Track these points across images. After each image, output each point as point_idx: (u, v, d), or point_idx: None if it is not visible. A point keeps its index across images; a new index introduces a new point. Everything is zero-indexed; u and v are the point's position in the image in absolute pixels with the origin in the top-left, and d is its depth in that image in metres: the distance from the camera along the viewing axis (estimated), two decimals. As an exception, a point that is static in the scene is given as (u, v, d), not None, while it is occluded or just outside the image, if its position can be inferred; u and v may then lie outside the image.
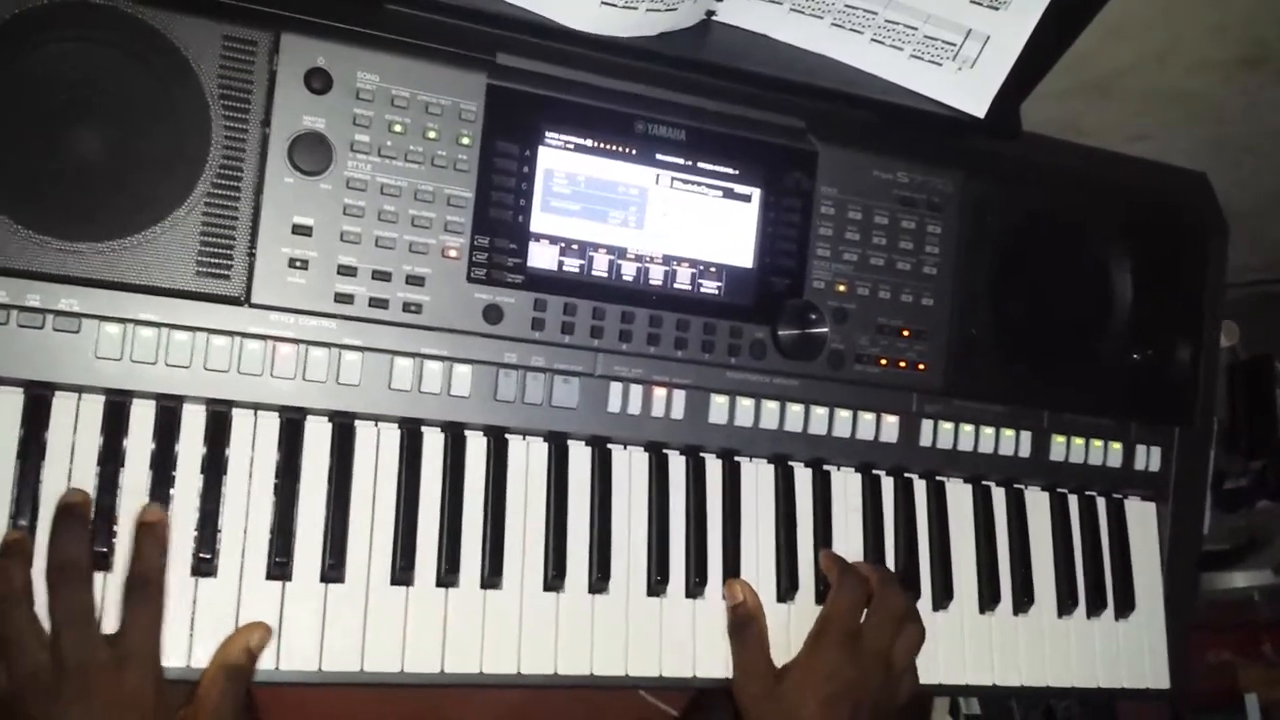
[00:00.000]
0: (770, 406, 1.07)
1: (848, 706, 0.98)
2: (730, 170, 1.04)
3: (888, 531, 1.13)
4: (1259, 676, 1.73)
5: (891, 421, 1.12)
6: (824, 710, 0.98)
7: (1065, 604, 1.18)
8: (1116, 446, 1.22)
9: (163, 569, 0.85)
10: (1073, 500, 1.22)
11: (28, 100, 0.84)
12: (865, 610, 1.05)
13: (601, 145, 1.00)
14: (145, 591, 0.83)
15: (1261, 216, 1.50)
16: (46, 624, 0.81)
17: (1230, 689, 1.73)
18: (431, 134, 0.94)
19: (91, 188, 0.85)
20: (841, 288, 1.08)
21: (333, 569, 0.91)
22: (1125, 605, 1.20)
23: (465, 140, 0.95)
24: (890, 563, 1.12)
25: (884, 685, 1.02)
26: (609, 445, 1.03)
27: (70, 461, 0.87)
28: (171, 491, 0.89)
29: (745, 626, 1.01)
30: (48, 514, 0.85)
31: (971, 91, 1.07)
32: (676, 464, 1.05)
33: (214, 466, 0.90)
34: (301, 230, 0.90)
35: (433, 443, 0.97)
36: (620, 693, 1.20)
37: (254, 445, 0.92)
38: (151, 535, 0.85)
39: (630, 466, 1.04)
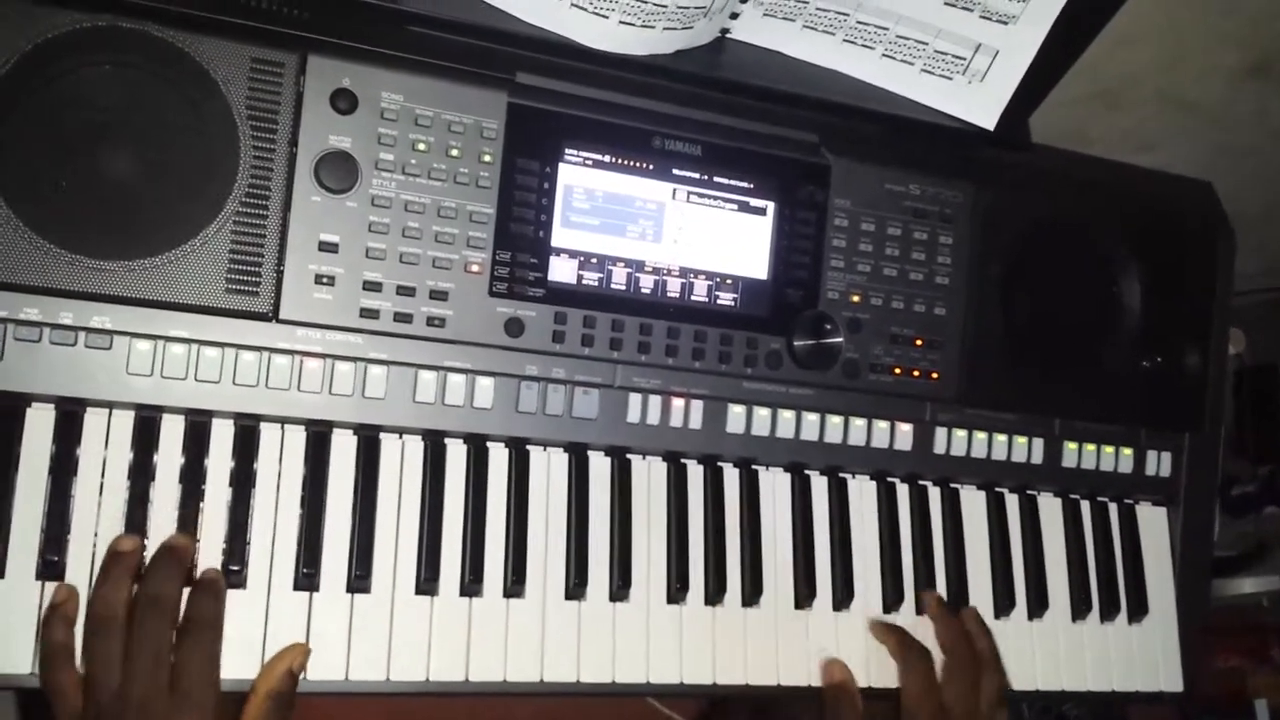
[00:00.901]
0: (786, 416, 1.09)
1: None
2: (745, 184, 1.06)
3: (903, 538, 1.14)
4: (1268, 682, 1.73)
5: (906, 430, 1.14)
6: None
7: (1079, 608, 1.19)
8: (1128, 452, 1.23)
9: (219, 615, 0.86)
10: (1085, 506, 1.23)
11: (60, 122, 0.85)
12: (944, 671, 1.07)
13: (619, 161, 1.02)
14: (201, 634, 0.85)
15: (1269, 223, 1.51)
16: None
17: (1239, 694, 1.73)
18: (454, 152, 0.96)
19: (123, 207, 0.87)
20: (855, 298, 1.09)
21: (359, 579, 0.93)
22: (1138, 609, 1.21)
23: (487, 158, 0.97)
24: (907, 569, 1.13)
25: None
26: (628, 455, 1.05)
27: (101, 477, 0.88)
28: (201, 505, 0.90)
29: (845, 705, 1.03)
30: (79, 529, 0.87)
31: (981, 105, 1.09)
32: (695, 473, 1.07)
33: (242, 480, 0.91)
34: (328, 247, 0.92)
35: (456, 454, 0.99)
36: (631, 701, 1.21)
37: (281, 459, 0.93)
38: (210, 588, 0.87)
39: (649, 476, 1.05)
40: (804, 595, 1.07)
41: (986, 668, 1.07)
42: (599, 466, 1.03)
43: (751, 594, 1.05)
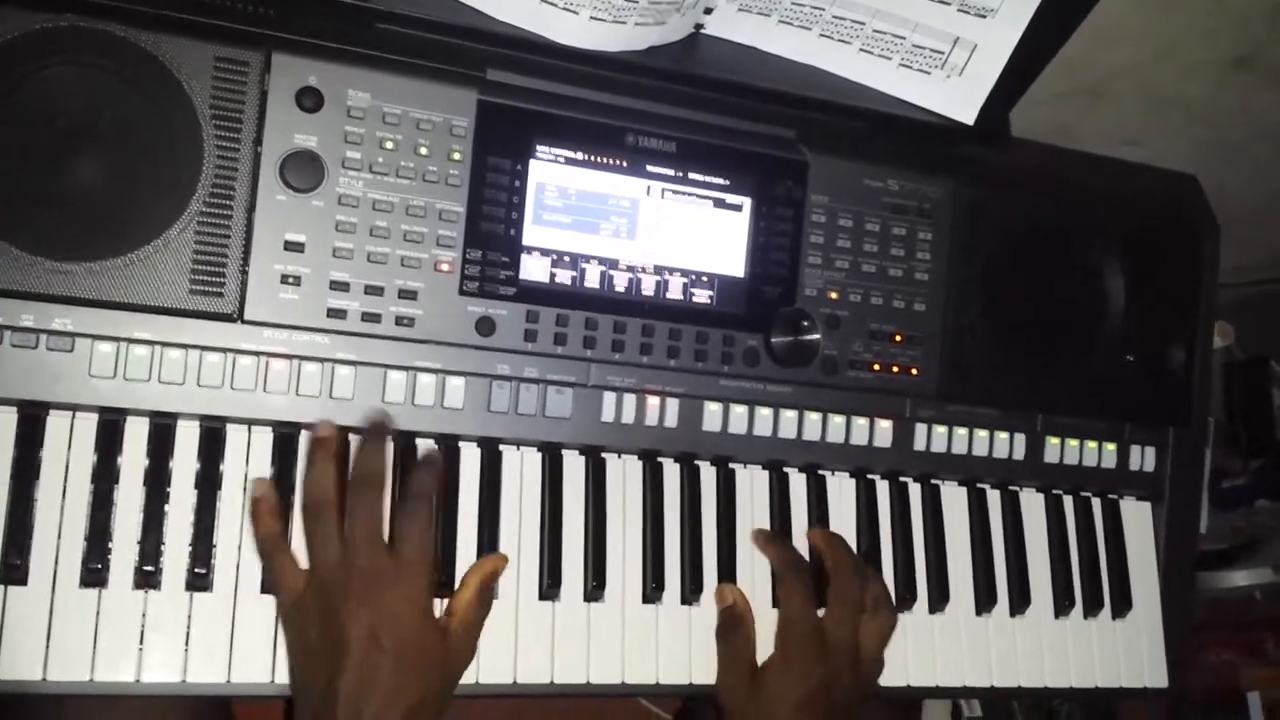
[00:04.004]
0: (764, 413, 1.08)
1: (822, 707, 0.99)
2: (721, 180, 1.05)
3: (884, 535, 1.13)
4: (1261, 675, 1.73)
5: (885, 426, 1.12)
6: (798, 714, 0.98)
7: (1062, 605, 1.18)
8: (1111, 447, 1.22)
9: (434, 490, 0.91)
10: (1068, 501, 1.22)
11: (21, 123, 0.84)
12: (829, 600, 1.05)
13: (592, 158, 1.01)
14: (418, 505, 0.89)
15: (1256, 217, 1.50)
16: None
17: (1233, 688, 1.73)
18: (423, 150, 0.95)
19: (85, 208, 0.86)
20: (833, 295, 1.08)
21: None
22: (1122, 605, 1.20)
23: (456, 155, 0.96)
24: (887, 566, 1.12)
25: (855, 681, 1.02)
26: (603, 454, 1.04)
27: (64, 480, 0.87)
28: (166, 508, 0.89)
29: (734, 629, 1.02)
30: (42, 532, 0.86)
31: (960, 99, 1.08)
32: (671, 472, 1.06)
33: (208, 482, 0.91)
34: (294, 247, 0.91)
35: (427, 455, 0.98)
36: (617, 698, 1.21)
37: (248, 461, 0.93)
38: (428, 465, 0.92)
39: (625, 475, 1.04)
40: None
41: (877, 605, 1.05)
42: (573, 466, 1.03)
43: (728, 593, 1.04)
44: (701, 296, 1.04)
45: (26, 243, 0.84)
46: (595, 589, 1.00)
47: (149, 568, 0.87)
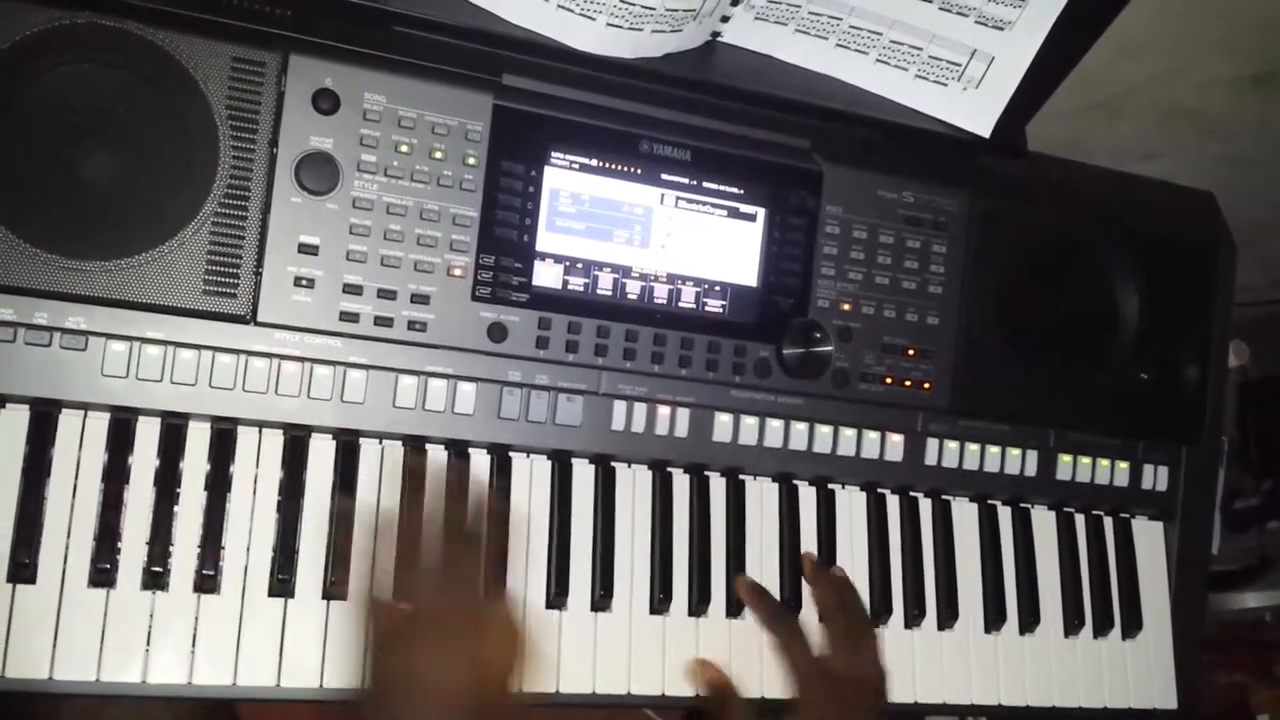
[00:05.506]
0: (775, 425, 1.07)
1: None
2: (735, 190, 1.04)
3: (893, 550, 1.12)
4: (1271, 697, 1.72)
5: (896, 440, 1.12)
6: None
7: (1071, 624, 1.17)
8: (1123, 466, 1.21)
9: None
10: (1079, 520, 1.21)
11: (38, 120, 0.85)
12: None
13: (607, 165, 1.00)
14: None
15: (1272, 234, 1.49)
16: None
17: (1242, 710, 1.72)
18: (438, 154, 0.95)
19: (100, 207, 0.86)
20: (846, 306, 1.08)
21: (334, 586, 0.91)
22: (1132, 625, 1.20)
23: (471, 160, 0.96)
24: (896, 581, 1.12)
25: (876, 702, 1.02)
26: (613, 463, 1.03)
27: (75, 478, 0.87)
28: (175, 509, 0.89)
29: (728, 702, 1.00)
30: (52, 531, 0.86)
31: (976, 111, 1.07)
32: (680, 482, 1.06)
33: (218, 484, 0.90)
34: (308, 249, 0.91)
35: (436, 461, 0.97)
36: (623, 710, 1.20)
37: (258, 463, 0.92)
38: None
39: (634, 484, 1.04)
40: (790, 607, 1.06)
41: (865, 628, 1.06)
42: (582, 474, 1.02)
43: (736, 605, 1.04)
44: (714, 306, 1.04)
45: (42, 240, 0.84)
46: (603, 598, 1.00)
47: (157, 569, 0.87)
